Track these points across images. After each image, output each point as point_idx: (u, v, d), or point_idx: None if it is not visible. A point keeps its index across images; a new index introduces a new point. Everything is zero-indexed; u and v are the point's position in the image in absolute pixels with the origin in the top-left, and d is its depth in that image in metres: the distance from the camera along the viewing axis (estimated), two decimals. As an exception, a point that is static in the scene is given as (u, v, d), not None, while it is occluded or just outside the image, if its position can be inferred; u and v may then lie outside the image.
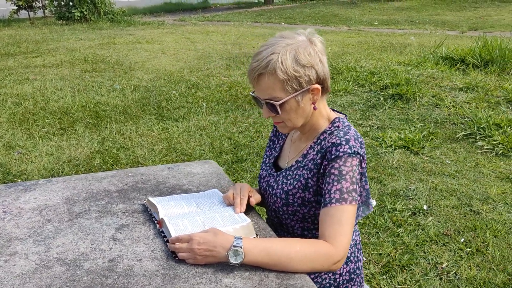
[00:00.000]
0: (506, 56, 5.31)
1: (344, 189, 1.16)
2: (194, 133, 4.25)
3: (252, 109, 4.76)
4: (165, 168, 1.69)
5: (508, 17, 11.22)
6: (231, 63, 7.00)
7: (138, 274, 1.08)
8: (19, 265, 1.11)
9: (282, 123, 1.26)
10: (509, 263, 2.28)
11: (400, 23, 11.60)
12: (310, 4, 16.69)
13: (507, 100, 4.19)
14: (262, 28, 12.00)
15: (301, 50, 1.18)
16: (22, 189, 1.50)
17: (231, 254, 1.08)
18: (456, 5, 13.01)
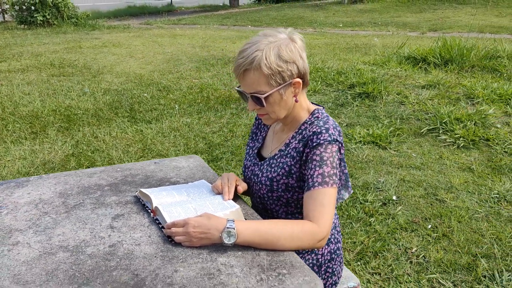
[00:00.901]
0: (464, 55, 5.60)
1: (325, 173, 1.27)
2: (168, 134, 4.30)
3: (224, 110, 4.85)
4: (151, 163, 1.76)
5: (465, 18, 11.74)
6: (200, 66, 7.07)
7: (138, 256, 1.16)
8: (23, 253, 1.16)
9: (267, 115, 1.37)
10: (473, 246, 2.45)
11: (364, 25, 11.94)
12: (275, 7, 16.92)
13: (466, 96, 4.44)
14: (229, 31, 12.10)
15: (283, 47, 1.28)
16: (14, 186, 1.54)
17: (225, 235, 1.17)
18: (416, 7, 13.50)
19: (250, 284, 1.07)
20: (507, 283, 2.18)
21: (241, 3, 20.29)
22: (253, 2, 21.02)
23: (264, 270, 1.13)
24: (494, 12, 12.15)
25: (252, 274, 1.11)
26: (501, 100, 4.31)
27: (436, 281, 2.23)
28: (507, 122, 3.95)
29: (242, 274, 1.11)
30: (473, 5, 13.15)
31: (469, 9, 12.78)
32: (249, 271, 1.12)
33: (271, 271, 1.12)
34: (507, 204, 2.84)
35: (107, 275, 1.09)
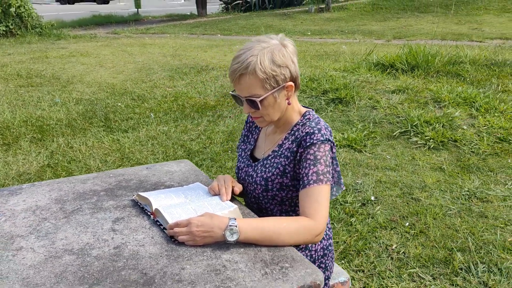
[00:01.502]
0: (429, 61, 5.84)
1: (319, 171, 1.34)
2: (145, 143, 4.29)
3: (201, 118, 4.88)
4: (143, 168, 1.78)
5: (427, 26, 12.18)
6: (173, 74, 7.07)
7: (144, 256, 1.19)
8: (28, 257, 1.18)
9: (261, 118, 1.43)
10: (448, 241, 2.58)
11: (331, 33, 12.21)
12: (243, 16, 17.07)
13: (434, 100, 4.64)
14: (199, 40, 12.13)
15: (276, 52, 1.35)
16: (8, 194, 1.54)
17: (228, 233, 1.22)
18: (380, 16, 13.92)
19: (256, 277, 1.12)
20: (482, 274, 2.31)
21: (208, 12, 20.34)
22: (221, 11, 21.12)
23: (267, 264, 1.18)
24: (453, 20, 12.67)
25: (257, 269, 1.16)
26: (466, 103, 4.52)
27: (416, 275, 2.34)
28: (472, 124, 4.15)
29: (247, 269, 1.16)
30: (434, 13, 13.66)
31: (430, 17, 13.27)
32: (253, 266, 1.17)
33: (274, 265, 1.18)
34: (477, 201, 2.99)
35: (116, 275, 1.11)
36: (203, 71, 7.09)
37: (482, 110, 4.34)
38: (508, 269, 2.33)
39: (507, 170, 3.40)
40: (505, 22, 12.25)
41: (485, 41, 9.64)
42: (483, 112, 4.32)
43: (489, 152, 3.68)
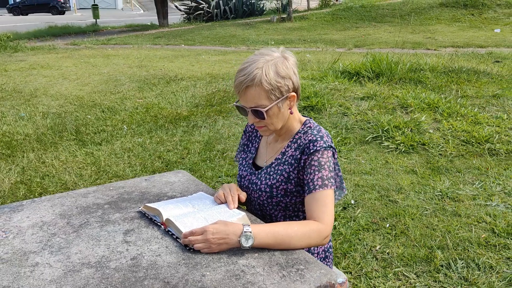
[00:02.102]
0: (392, 69, 6.09)
1: (324, 176, 1.41)
2: (121, 155, 4.25)
3: (176, 128, 4.88)
4: (142, 180, 1.80)
5: (384, 35, 12.66)
6: (142, 85, 7.02)
7: (163, 266, 1.22)
8: (46, 273, 1.18)
9: (265, 127, 1.48)
10: (427, 239, 2.71)
11: (294, 42, 12.47)
12: (206, 26, 17.12)
13: (401, 105, 4.84)
14: (164, 50, 12.08)
15: (279, 64, 1.42)
16: (10, 211, 1.51)
17: (243, 239, 1.27)
18: (340, 26, 14.33)
19: (275, 280, 1.17)
20: (462, 270, 2.44)
21: (170, 23, 20.26)
22: (182, 22, 21.08)
23: (283, 267, 1.23)
24: (408, 30, 13.22)
25: (274, 272, 1.21)
26: (430, 108, 4.75)
27: (401, 274, 2.44)
28: (437, 128, 4.37)
29: (265, 272, 1.20)
30: (390, 23, 14.21)
31: (387, 27, 13.79)
32: (270, 269, 1.22)
33: (290, 267, 1.23)
34: (450, 200, 3.16)
35: (139, 285, 1.14)
36: (173, 82, 7.08)
37: (445, 115, 4.58)
38: (485, 263, 2.47)
39: (473, 170, 3.60)
40: (456, 31, 12.91)
41: (439, 49, 10.14)
42: (446, 116, 4.56)
43: (455, 154, 3.88)
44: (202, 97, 6.00)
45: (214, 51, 11.51)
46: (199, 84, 6.72)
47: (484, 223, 2.87)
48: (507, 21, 13.15)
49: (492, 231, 2.78)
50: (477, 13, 13.83)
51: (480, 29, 12.63)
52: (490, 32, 12.16)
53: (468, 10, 14.02)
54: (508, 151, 3.89)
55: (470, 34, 11.91)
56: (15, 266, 1.20)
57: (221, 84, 6.56)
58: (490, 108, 4.76)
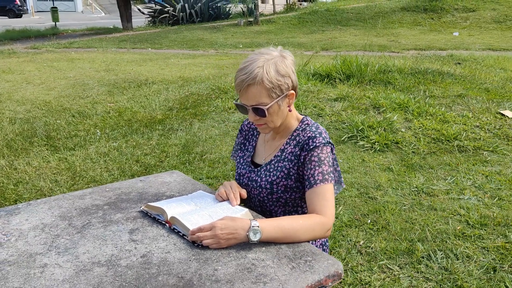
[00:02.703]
0: (362, 70, 6.25)
1: (324, 171, 1.46)
2: (97, 160, 4.18)
3: (151, 132, 4.84)
4: (137, 181, 1.79)
5: (350, 38, 12.95)
6: (112, 89, 6.91)
7: (174, 262, 1.23)
8: (57, 273, 1.17)
9: (265, 125, 1.52)
10: (408, 233, 2.82)
11: (262, 45, 12.54)
12: (173, 29, 16.99)
13: (373, 106, 4.99)
14: (131, 54, 11.91)
15: (279, 63, 1.46)
16: (6, 214, 1.48)
17: (251, 233, 1.30)
18: (306, 29, 14.55)
19: (285, 272, 1.21)
20: (442, 260, 2.55)
21: (134, 26, 19.95)
22: (147, 25, 20.81)
23: (292, 259, 1.27)
24: (373, 33, 13.58)
25: (284, 264, 1.24)
26: (401, 108, 4.91)
27: (385, 267, 2.53)
28: (409, 127, 4.53)
29: (275, 265, 1.24)
30: (355, 27, 14.55)
31: (352, 30, 14.12)
32: (279, 261, 1.26)
33: (298, 259, 1.27)
34: (426, 196, 3.29)
35: (154, 281, 1.15)
36: (144, 86, 7.00)
37: (415, 114, 4.75)
38: (463, 253, 2.60)
39: (445, 166, 3.76)
40: (417, 34, 13.36)
41: (403, 52, 10.46)
42: (416, 115, 4.73)
43: (427, 152, 4.04)
44: (175, 101, 5.97)
45: (182, 55, 11.45)
46: (172, 88, 6.67)
47: (459, 216, 3.00)
48: (464, 25, 13.73)
49: (466, 222, 2.92)
50: (437, 17, 14.36)
51: (440, 32, 13.12)
52: (449, 35, 12.66)
53: (428, 14, 14.54)
54: (475, 147, 4.08)
55: (431, 37, 12.35)
56: (23, 268, 1.18)
57: (194, 87, 6.55)
58: (456, 107, 4.97)
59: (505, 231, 2.81)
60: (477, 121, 4.58)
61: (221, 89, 6.21)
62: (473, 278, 2.40)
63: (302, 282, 1.18)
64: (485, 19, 13.84)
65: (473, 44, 11.00)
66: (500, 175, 3.59)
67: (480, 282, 2.37)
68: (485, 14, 14.15)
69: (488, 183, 3.45)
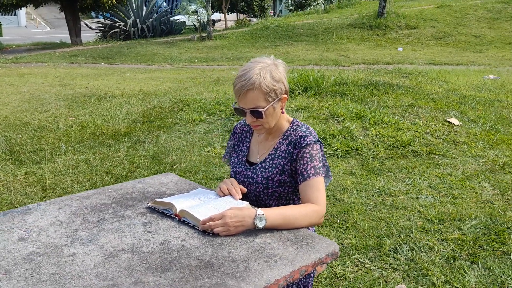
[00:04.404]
0: (319, 83, 6.58)
1: (316, 166, 1.64)
2: (66, 172, 4.16)
3: (118, 144, 4.86)
4: (136, 183, 1.90)
5: (302, 53, 13.43)
6: (71, 104, 6.83)
7: (191, 247, 1.36)
8: (87, 260, 1.27)
9: (261, 126, 1.68)
10: (375, 230, 3.05)
11: (217, 60, 12.77)
12: (125, 44, 16.86)
13: (332, 116, 5.28)
14: (85, 69, 11.74)
15: (273, 70, 1.64)
16: (20, 214, 1.55)
17: (258, 221, 1.45)
18: (259, 44, 14.94)
19: (291, 252, 1.37)
20: (407, 252, 2.80)
21: (83, 41, 19.57)
22: (98, 40, 20.49)
23: (294, 242, 1.44)
24: (323, 48, 14.16)
25: (288, 246, 1.41)
26: (358, 117, 5.24)
27: (357, 261, 2.74)
28: (366, 135, 4.84)
29: (281, 247, 1.40)
30: (306, 42, 15.10)
31: (303, 45, 14.64)
32: (284, 244, 1.42)
33: (300, 242, 1.44)
34: (387, 196, 3.56)
35: (177, 263, 1.27)
36: (104, 99, 6.97)
37: (372, 123, 5.08)
38: (425, 246, 2.86)
39: (402, 170, 4.07)
40: (365, 49, 14.07)
41: (352, 66, 11.01)
42: (372, 124, 5.06)
43: (385, 157, 4.35)
44: (138, 114, 6.01)
45: (138, 69, 11.43)
46: (133, 101, 6.70)
47: (419, 213, 3.29)
48: (407, 41, 14.62)
49: (426, 218, 3.21)
50: (382, 33, 15.20)
51: (386, 48, 13.90)
52: (394, 50, 13.44)
53: (374, 31, 15.36)
54: (427, 152, 4.44)
55: (378, 52, 13.06)
56: (53, 257, 1.27)
57: (156, 100, 6.61)
58: (407, 116, 5.36)
59: (460, 225, 3.11)
60: (427, 128, 4.97)
61: (184, 102, 6.32)
62: (436, 267, 2.66)
63: (307, 259, 1.35)
64: (426, 36, 14.80)
65: (416, 59, 11.75)
66: (451, 176, 3.94)
67: (443, 269, 2.64)
68: (425, 31, 15.13)
69: (442, 183, 3.78)
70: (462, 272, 2.62)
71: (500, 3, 16.83)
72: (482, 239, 2.94)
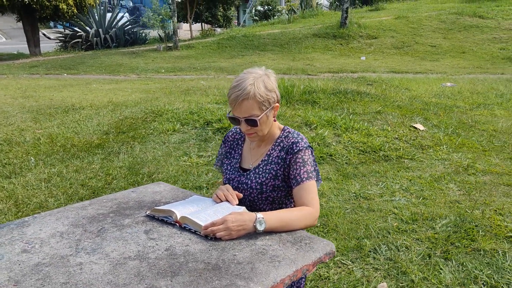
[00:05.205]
0: (289, 91, 6.71)
1: (308, 170, 1.72)
2: (38, 186, 4.07)
3: (91, 156, 4.80)
4: (130, 192, 1.92)
5: (269, 62, 13.60)
6: (37, 116, 6.66)
7: (196, 252, 1.40)
8: (96, 268, 1.28)
9: (255, 133, 1.74)
10: (354, 232, 3.16)
11: (184, 70, 12.74)
12: (88, 55, 16.55)
13: (305, 123, 5.40)
14: (46, 80, 11.45)
15: (266, 80, 1.71)
16: (17, 227, 1.54)
17: (258, 224, 1.51)
18: (226, 54, 15.01)
19: (292, 252, 1.44)
20: (386, 252, 2.92)
21: (42, 51, 19.04)
22: (58, 50, 20.01)
23: (294, 243, 1.50)
24: (289, 57, 14.39)
25: (288, 247, 1.47)
26: (329, 124, 5.38)
27: (340, 262, 2.83)
28: (339, 141, 4.99)
29: (282, 248, 1.46)
30: (272, 51, 15.30)
31: (270, 55, 14.82)
32: (284, 245, 1.48)
33: (299, 243, 1.50)
34: (363, 200, 3.69)
35: (185, 267, 1.31)
36: (72, 111, 6.84)
37: (343, 129, 5.24)
38: (402, 245, 2.99)
39: (375, 174, 4.22)
40: (330, 58, 14.40)
41: (318, 75, 11.25)
42: (344, 130, 5.22)
43: (358, 162, 4.50)
44: (110, 125, 5.94)
45: (104, 80, 11.25)
46: (103, 112, 6.61)
47: (394, 214, 3.42)
48: (369, 50, 15.07)
49: (401, 219, 3.35)
50: (345, 43, 15.60)
51: (349, 57, 14.28)
52: (358, 59, 13.83)
53: (337, 40, 15.75)
54: (397, 156, 4.63)
55: (342, 61, 13.40)
56: (61, 267, 1.28)
57: (127, 111, 6.55)
58: (376, 122, 5.56)
59: (432, 224, 3.27)
60: (395, 134, 5.17)
61: (156, 112, 6.29)
62: (414, 265, 2.79)
63: (307, 259, 1.42)
64: (386, 45, 15.31)
65: (379, 67, 12.14)
66: (421, 179, 4.12)
67: (420, 267, 2.77)
68: (385, 41, 15.65)
69: (412, 186, 3.95)
70: (437, 268, 2.75)
71: (453, 14, 17.64)
72: (453, 237, 3.09)
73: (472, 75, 11.06)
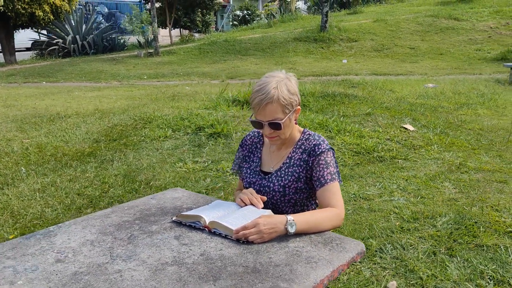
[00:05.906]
0: (278, 95, 6.74)
1: (332, 172, 1.74)
2: (32, 197, 3.99)
3: (84, 165, 4.72)
4: (149, 199, 1.90)
5: (252, 67, 13.65)
6: (22, 125, 6.52)
7: (231, 256, 1.40)
8: (136, 275, 1.27)
9: (277, 137, 1.76)
10: (358, 233, 3.19)
11: (167, 75, 12.67)
12: (66, 62, 16.29)
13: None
14: (26, 88, 11.23)
15: (288, 83, 1.72)
16: (44, 237, 1.51)
17: (289, 226, 1.52)
18: (208, 59, 15.00)
19: (326, 253, 1.45)
20: (392, 251, 2.96)
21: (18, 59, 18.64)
22: (34, 58, 19.62)
23: (325, 244, 1.51)
24: (272, 61, 14.47)
25: (321, 248, 1.48)
26: (321, 127, 5.43)
27: (347, 263, 2.85)
28: (332, 143, 5.03)
29: (315, 249, 1.47)
30: (254, 56, 15.36)
31: (252, 59, 14.88)
32: (316, 247, 1.49)
33: (330, 243, 1.52)
34: (363, 200, 3.73)
35: (225, 271, 1.31)
36: (57, 119, 6.72)
37: (336, 131, 5.29)
38: (407, 243, 3.03)
39: (372, 175, 4.28)
40: (312, 62, 14.54)
41: (302, 78, 11.34)
42: (336, 133, 5.27)
43: (353, 163, 4.55)
44: (99, 133, 5.86)
45: (85, 87, 11.10)
46: (90, 120, 6.52)
47: (395, 214, 3.47)
48: (350, 53, 15.28)
49: (402, 219, 3.40)
50: (326, 46, 15.78)
51: (331, 60, 14.44)
52: (339, 62, 14.00)
53: (318, 44, 15.91)
54: (391, 157, 4.70)
55: (324, 65, 13.54)
56: (100, 275, 1.26)
57: (115, 118, 6.47)
58: (367, 124, 5.63)
59: (433, 222, 3.33)
60: (387, 135, 5.25)
61: (145, 119, 6.24)
62: (421, 262, 2.83)
63: (342, 259, 1.43)
64: (367, 48, 15.55)
65: (361, 70, 12.31)
66: (416, 178, 4.19)
67: (427, 264, 2.81)
68: (365, 43, 15.90)
69: (410, 185, 4.02)
70: (444, 265, 2.80)
71: (430, 17, 18.05)
72: (455, 234, 3.16)
73: (451, 76, 11.33)
